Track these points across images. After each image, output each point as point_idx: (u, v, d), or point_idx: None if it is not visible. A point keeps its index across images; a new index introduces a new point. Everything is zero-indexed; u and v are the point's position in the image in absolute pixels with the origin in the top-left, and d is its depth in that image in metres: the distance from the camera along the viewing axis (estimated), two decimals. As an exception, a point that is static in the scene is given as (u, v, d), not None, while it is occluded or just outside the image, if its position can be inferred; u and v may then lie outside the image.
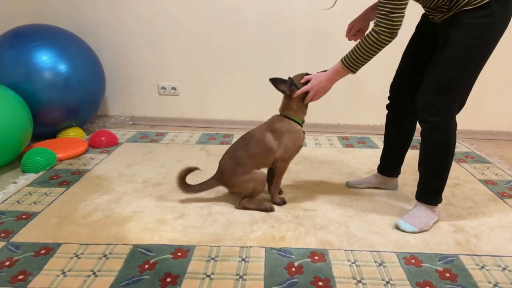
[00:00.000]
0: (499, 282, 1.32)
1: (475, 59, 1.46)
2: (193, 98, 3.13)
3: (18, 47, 2.42)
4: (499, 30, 1.43)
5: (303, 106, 1.76)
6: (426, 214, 1.64)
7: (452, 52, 1.45)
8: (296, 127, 1.75)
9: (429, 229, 1.62)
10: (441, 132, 1.53)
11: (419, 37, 1.70)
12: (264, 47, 2.94)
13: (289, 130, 1.73)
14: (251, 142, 1.75)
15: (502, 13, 1.39)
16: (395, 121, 1.86)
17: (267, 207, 1.77)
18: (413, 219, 1.63)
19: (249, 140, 1.76)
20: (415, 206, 1.69)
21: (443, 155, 1.58)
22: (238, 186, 1.76)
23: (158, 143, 2.69)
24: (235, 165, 1.73)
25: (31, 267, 1.35)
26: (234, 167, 1.74)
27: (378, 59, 2.99)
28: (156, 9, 2.90)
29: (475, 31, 1.40)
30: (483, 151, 2.64)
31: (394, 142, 1.91)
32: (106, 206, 1.78)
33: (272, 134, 1.73)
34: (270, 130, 1.74)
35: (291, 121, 1.75)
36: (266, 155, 1.74)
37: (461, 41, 1.42)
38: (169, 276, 1.31)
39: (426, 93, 1.53)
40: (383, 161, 1.99)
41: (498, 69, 2.83)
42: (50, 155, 2.21)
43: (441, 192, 1.66)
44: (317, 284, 1.29)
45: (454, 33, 1.43)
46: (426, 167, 1.64)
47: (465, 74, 1.48)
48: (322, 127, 3.08)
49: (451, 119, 1.53)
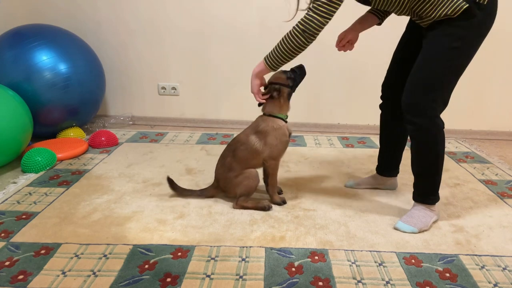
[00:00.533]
0: (499, 282, 1.32)
1: (456, 60, 1.48)
2: (193, 98, 3.13)
3: (18, 47, 2.42)
4: (480, 32, 1.45)
5: (287, 101, 1.80)
6: (425, 214, 1.64)
7: (434, 53, 1.47)
8: (280, 123, 1.77)
9: (428, 228, 1.63)
10: (428, 132, 1.54)
11: (408, 37, 1.72)
12: (264, 47, 2.93)
13: (274, 128, 1.75)
14: (237, 147, 1.79)
15: (483, 17, 1.41)
16: (389, 120, 1.87)
17: (264, 205, 1.78)
18: (412, 219, 1.63)
19: (235, 146, 1.80)
20: (413, 207, 1.69)
21: (433, 154, 1.58)
22: (233, 189, 1.80)
23: (158, 143, 2.69)
24: (227, 171, 1.79)
25: (31, 267, 1.35)
26: (226, 174, 1.80)
27: (378, 60, 3.00)
28: (156, 9, 2.91)
29: (457, 33, 1.42)
30: (483, 151, 2.64)
31: (389, 142, 1.92)
32: (106, 206, 1.78)
33: (256, 135, 1.76)
34: (254, 132, 1.78)
35: (275, 118, 1.77)
36: (253, 157, 1.77)
37: (443, 42, 1.45)
38: (169, 276, 1.31)
39: (409, 93, 1.54)
40: (381, 161, 1.99)
41: (498, 69, 2.83)
42: (50, 155, 2.21)
43: (437, 191, 1.66)
44: (317, 284, 1.29)
45: (436, 35, 1.46)
46: (418, 167, 1.65)
47: (446, 75, 1.49)
48: (322, 127, 3.09)
49: (436, 118, 1.54)
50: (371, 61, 2.91)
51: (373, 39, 2.85)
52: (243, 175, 1.77)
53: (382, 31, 2.84)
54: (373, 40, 2.86)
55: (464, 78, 1.90)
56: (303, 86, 3.00)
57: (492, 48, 2.75)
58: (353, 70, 2.95)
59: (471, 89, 2.84)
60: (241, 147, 1.78)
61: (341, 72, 2.96)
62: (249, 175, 1.77)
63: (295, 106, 3.04)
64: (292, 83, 1.80)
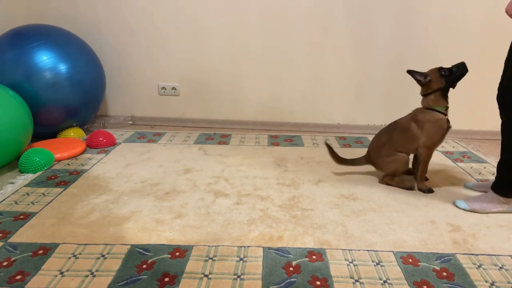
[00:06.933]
0: (496, 281, 1.32)
1: None
2: (193, 98, 3.14)
3: (18, 47, 2.42)
4: None
5: (439, 96, 1.91)
6: (490, 200, 1.73)
7: None
8: (438, 116, 1.91)
9: (484, 213, 1.73)
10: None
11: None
12: (264, 46, 2.94)
13: (430, 120, 1.91)
14: (396, 129, 1.99)
15: None
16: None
17: (407, 186, 1.98)
18: (473, 200, 1.73)
19: (394, 127, 2.00)
20: (486, 192, 1.79)
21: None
22: (382, 166, 2.03)
23: (156, 143, 2.69)
24: (379, 147, 2.03)
25: (29, 267, 1.35)
26: (378, 150, 2.04)
27: (378, 59, 2.99)
28: (156, 9, 2.91)
29: None
30: (480, 150, 2.64)
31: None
32: (104, 206, 1.79)
33: (416, 123, 1.93)
34: (414, 120, 1.94)
35: (432, 111, 1.92)
36: (410, 141, 1.95)
37: None
38: (167, 276, 1.31)
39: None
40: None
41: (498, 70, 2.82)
42: (48, 155, 2.21)
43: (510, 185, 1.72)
44: (314, 283, 1.30)
45: None
46: (501, 158, 1.72)
47: None
48: (322, 127, 3.09)
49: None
50: (372, 61, 2.91)
51: (373, 41, 2.86)
52: (394, 157, 1.97)
53: (382, 35, 2.85)
54: (374, 42, 2.86)
55: (464, 78, 1.91)
56: (303, 86, 3.03)
57: (492, 48, 2.76)
58: (353, 70, 2.95)
59: (471, 89, 2.83)
60: (400, 130, 1.97)
61: (341, 72, 2.96)
62: (400, 159, 1.96)
63: (295, 106, 3.09)
64: (446, 81, 1.89)
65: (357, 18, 2.82)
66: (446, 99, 1.93)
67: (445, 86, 1.90)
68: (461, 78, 1.92)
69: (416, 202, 1.87)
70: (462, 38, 2.79)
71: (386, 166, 2.01)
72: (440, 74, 1.89)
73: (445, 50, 2.80)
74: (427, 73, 1.92)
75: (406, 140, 1.96)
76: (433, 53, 2.81)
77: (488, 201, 1.76)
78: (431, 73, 1.92)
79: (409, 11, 2.77)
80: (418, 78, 1.93)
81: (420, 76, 1.92)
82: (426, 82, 1.91)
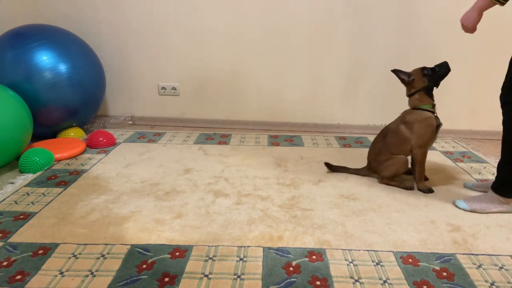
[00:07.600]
0: (496, 281, 1.32)
1: None
2: (193, 98, 3.14)
3: (18, 47, 2.42)
4: None
5: (424, 94, 1.95)
6: (490, 200, 1.73)
7: None
8: (426, 114, 1.94)
9: (484, 213, 1.74)
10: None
11: None
12: (264, 46, 2.94)
13: (418, 120, 1.94)
14: (388, 134, 2.03)
15: None
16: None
17: (407, 186, 2.00)
18: (472, 200, 1.73)
19: (386, 132, 2.05)
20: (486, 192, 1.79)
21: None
22: (382, 170, 2.05)
23: (156, 143, 2.69)
24: (377, 154, 2.07)
25: (29, 267, 1.35)
26: (376, 156, 2.07)
27: (379, 59, 2.99)
28: (156, 9, 2.91)
29: None
30: (479, 150, 2.64)
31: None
32: (104, 206, 1.79)
33: (405, 125, 1.97)
34: (403, 122, 1.98)
35: (420, 111, 1.95)
36: (402, 143, 1.98)
37: None
38: (167, 276, 1.31)
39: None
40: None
41: (498, 70, 2.82)
42: (48, 155, 2.21)
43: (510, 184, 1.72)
44: (314, 283, 1.30)
45: None
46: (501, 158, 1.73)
47: None
48: (322, 127, 3.09)
49: None
50: (371, 62, 2.91)
51: (373, 41, 2.86)
52: (393, 160, 2.00)
53: (381, 35, 2.85)
54: (374, 42, 2.87)
55: (464, 78, 1.91)
56: (303, 86, 3.03)
57: (492, 48, 2.76)
58: (353, 70, 2.95)
59: (471, 89, 2.84)
60: (392, 134, 2.01)
61: (341, 72, 2.96)
62: (398, 161, 1.99)
63: (295, 106, 3.09)
64: (428, 81, 1.94)
65: (357, 18, 2.82)
66: (431, 97, 1.97)
67: (428, 85, 1.94)
68: (444, 77, 1.96)
69: (416, 202, 1.87)
70: (462, 38, 2.78)
71: (386, 170, 2.03)
72: (423, 73, 1.94)
73: (445, 50, 2.79)
74: (410, 72, 1.97)
75: (399, 143, 1.99)
76: (433, 53, 2.81)
77: (488, 201, 1.76)
78: (414, 72, 1.96)
79: (409, 11, 2.78)
80: (402, 77, 1.97)
81: (404, 75, 1.97)
82: (409, 81, 1.96)
